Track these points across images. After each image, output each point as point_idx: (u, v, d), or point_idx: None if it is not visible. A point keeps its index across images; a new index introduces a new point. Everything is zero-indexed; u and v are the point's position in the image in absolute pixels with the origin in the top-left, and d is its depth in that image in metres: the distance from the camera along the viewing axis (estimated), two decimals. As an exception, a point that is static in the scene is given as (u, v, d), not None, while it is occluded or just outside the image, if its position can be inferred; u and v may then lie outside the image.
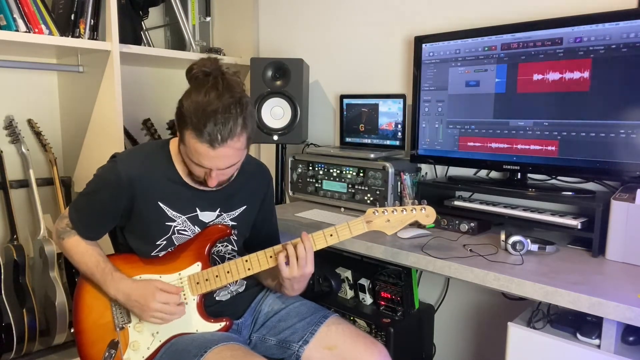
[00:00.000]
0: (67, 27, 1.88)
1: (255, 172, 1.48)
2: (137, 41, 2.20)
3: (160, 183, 1.33)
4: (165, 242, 1.35)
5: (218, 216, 1.39)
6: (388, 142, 2.04)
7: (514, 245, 1.40)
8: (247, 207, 1.45)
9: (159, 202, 1.32)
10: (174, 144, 1.36)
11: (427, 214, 1.35)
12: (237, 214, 1.43)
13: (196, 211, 1.36)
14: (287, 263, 1.29)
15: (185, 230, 1.36)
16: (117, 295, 1.30)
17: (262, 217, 1.51)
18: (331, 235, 1.31)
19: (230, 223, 1.41)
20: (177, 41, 2.55)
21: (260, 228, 1.52)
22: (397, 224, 1.34)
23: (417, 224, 1.67)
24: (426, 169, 2.00)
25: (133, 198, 1.31)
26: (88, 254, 1.34)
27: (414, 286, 1.83)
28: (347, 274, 1.96)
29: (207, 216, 1.38)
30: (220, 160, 1.21)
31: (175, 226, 1.34)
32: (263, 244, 1.35)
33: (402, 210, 1.33)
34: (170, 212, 1.34)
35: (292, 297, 1.47)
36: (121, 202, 1.31)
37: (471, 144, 1.71)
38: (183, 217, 1.35)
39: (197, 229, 1.36)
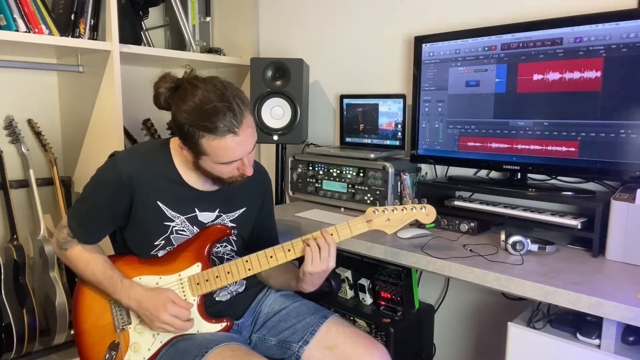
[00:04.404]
0: (67, 27, 1.88)
1: (254, 174, 1.47)
2: (137, 41, 2.19)
3: (160, 182, 1.32)
4: (163, 241, 1.34)
5: (217, 217, 1.39)
6: (388, 142, 2.04)
7: (514, 245, 1.40)
8: (247, 209, 1.44)
9: (158, 202, 1.32)
10: (174, 143, 1.35)
11: (427, 213, 1.34)
12: (236, 215, 1.43)
13: (195, 212, 1.36)
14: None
15: (183, 231, 1.35)
16: (130, 303, 1.29)
17: (261, 219, 1.51)
18: (331, 234, 1.31)
19: (230, 224, 1.41)
20: (177, 41, 2.54)
21: (260, 230, 1.51)
22: (397, 223, 1.33)
23: (417, 224, 1.68)
24: (426, 169, 2.00)
25: (132, 196, 1.30)
26: (94, 261, 1.33)
27: (414, 286, 1.83)
28: (347, 274, 1.96)
29: (206, 217, 1.37)
30: (247, 142, 1.23)
31: (173, 226, 1.34)
32: (261, 247, 1.34)
33: (402, 209, 1.33)
34: (168, 212, 1.33)
35: (292, 297, 1.48)
36: (122, 201, 1.30)
37: (471, 144, 1.71)
38: (182, 217, 1.34)
39: (195, 230, 1.36)
